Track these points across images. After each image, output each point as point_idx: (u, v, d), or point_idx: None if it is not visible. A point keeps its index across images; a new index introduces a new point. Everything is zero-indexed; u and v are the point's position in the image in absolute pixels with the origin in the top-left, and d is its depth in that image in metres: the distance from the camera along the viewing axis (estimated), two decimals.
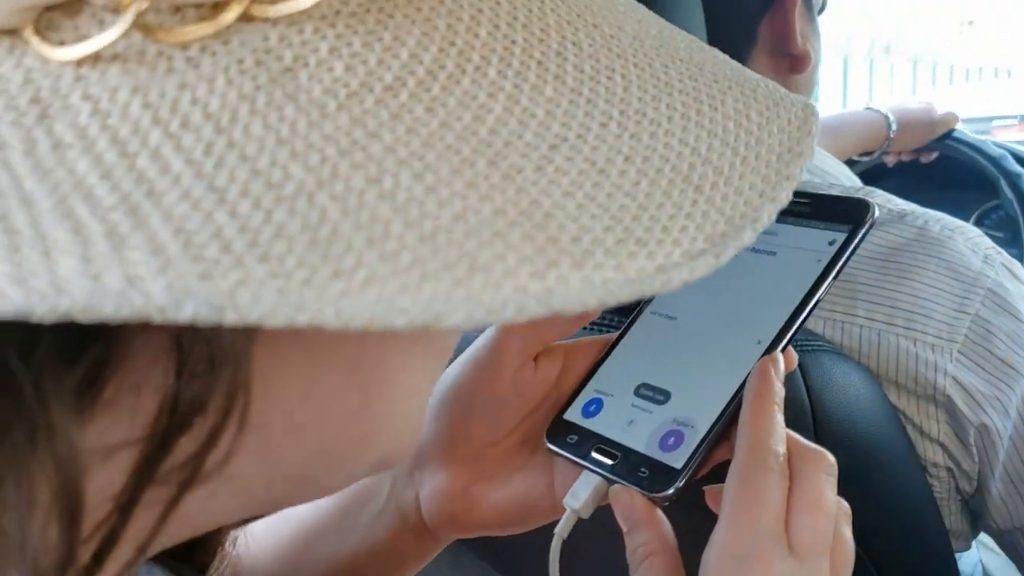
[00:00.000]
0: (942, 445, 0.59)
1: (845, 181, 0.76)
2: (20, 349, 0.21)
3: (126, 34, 0.22)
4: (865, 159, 1.25)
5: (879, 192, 0.68)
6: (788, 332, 0.41)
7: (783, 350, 0.41)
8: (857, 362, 0.59)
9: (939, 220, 0.63)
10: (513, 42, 0.25)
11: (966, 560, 0.81)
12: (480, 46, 0.25)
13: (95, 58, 0.22)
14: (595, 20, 0.28)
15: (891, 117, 1.22)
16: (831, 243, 0.43)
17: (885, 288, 0.60)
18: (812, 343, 0.57)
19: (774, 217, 0.25)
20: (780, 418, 0.39)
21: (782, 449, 0.38)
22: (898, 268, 0.60)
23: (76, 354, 0.22)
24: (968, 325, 0.59)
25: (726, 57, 0.31)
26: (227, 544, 0.40)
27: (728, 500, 0.37)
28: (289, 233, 0.20)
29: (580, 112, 0.25)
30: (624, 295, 0.22)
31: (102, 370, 0.23)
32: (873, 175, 1.30)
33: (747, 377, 0.40)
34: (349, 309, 0.19)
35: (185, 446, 0.24)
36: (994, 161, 1.21)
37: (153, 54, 0.22)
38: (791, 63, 0.74)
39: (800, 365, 0.54)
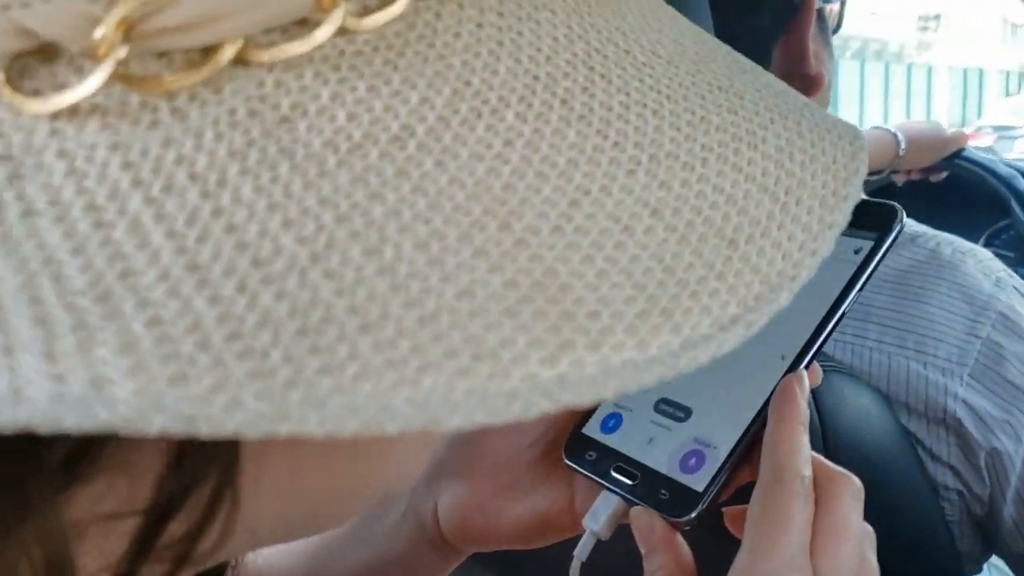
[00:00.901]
0: (952, 468, 0.59)
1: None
2: None
3: (107, 84, 0.20)
4: (874, 179, 1.25)
5: None
6: (812, 347, 0.40)
7: (807, 366, 0.40)
8: (868, 384, 0.59)
9: (951, 243, 0.63)
10: (536, 78, 0.23)
11: None
12: (499, 85, 0.22)
13: (73, 110, 0.20)
14: (627, 45, 0.26)
15: (899, 136, 1.22)
16: (857, 251, 0.41)
17: (896, 310, 0.60)
18: (823, 364, 0.57)
19: (814, 271, 0.23)
20: (805, 440, 0.38)
21: (808, 472, 0.37)
22: (909, 291, 0.60)
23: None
24: (979, 349, 0.59)
25: (769, 77, 0.28)
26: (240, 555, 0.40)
27: (751, 525, 0.36)
28: (276, 320, 0.18)
29: (605, 159, 0.22)
30: (645, 380, 0.20)
31: (90, 444, 0.21)
32: (883, 195, 1.30)
33: (770, 395, 0.39)
34: (336, 415, 0.17)
35: (179, 525, 0.23)
36: (1004, 181, 1.21)
37: (136, 105, 0.20)
38: (804, 85, 0.74)
39: None
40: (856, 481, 0.38)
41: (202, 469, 0.22)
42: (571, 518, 0.44)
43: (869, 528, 0.39)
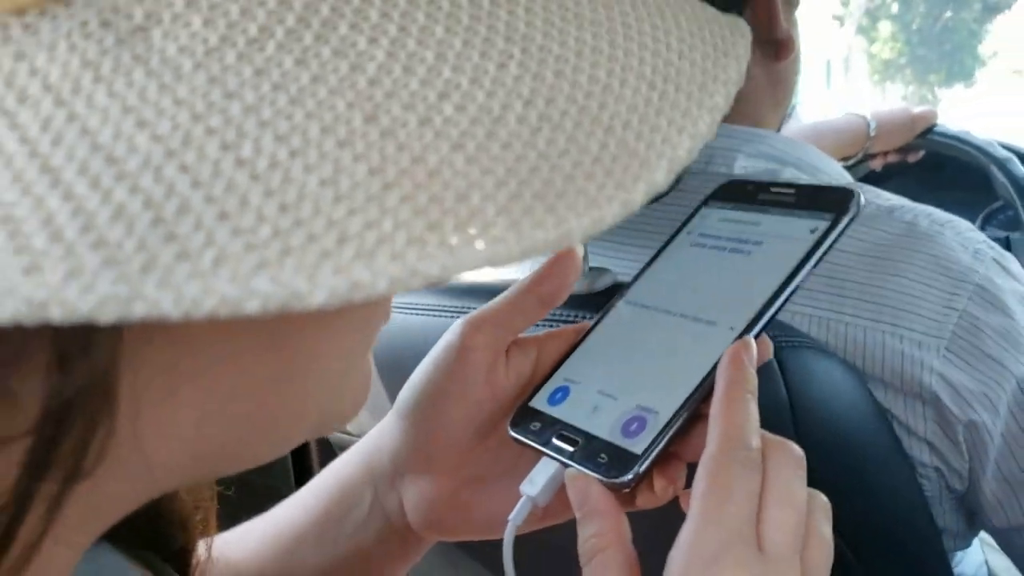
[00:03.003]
0: (930, 443, 0.58)
1: (837, 177, 0.75)
2: None
3: None
4: (848, 163, 1.24)
5: (868, 187, 0.67)
6: (762, 319, 0.40)
7: (756, 337, 0.40)
8: (842, 359, 0.58)
9: (928, 215, 0.62)
10: None
11: (970, 560, 0.80)
12: None
13: None
14: None
15: (868, 117, 1.21)
16: (812, 231, 0.42)
17: (872, 285, 0.59)
18: (793, 339, 0.56)
19: (695, 153, 0.24)
20: (754, 409, 0.36)
21: (756, 443, 0.36)
22: (885, 264, 0.59)
23: None
24: (956, 321, 0.57)
25: None
26: (202, 551, 0.40)
27: (696, 497, 0.35)
28: (130, 213, 0.18)
29: (475, 54, 0.23)
30: (514, 254, 0.20)
31: None
32: (876, 180, 1.29)
33: (717, 363, 0.39)
34: (191, 296, 0.17)
35: (70, 439, 0.24)
36: (981, 149, 1.19)
37: None
38: (776, 50, 0.74)
39: (780, 361, 0.53)
40: (797, 449, 0.37)
41: (81, 380, 0.23)
42: (539, 509, 0.43)
43: (823, 498, 0.37)
